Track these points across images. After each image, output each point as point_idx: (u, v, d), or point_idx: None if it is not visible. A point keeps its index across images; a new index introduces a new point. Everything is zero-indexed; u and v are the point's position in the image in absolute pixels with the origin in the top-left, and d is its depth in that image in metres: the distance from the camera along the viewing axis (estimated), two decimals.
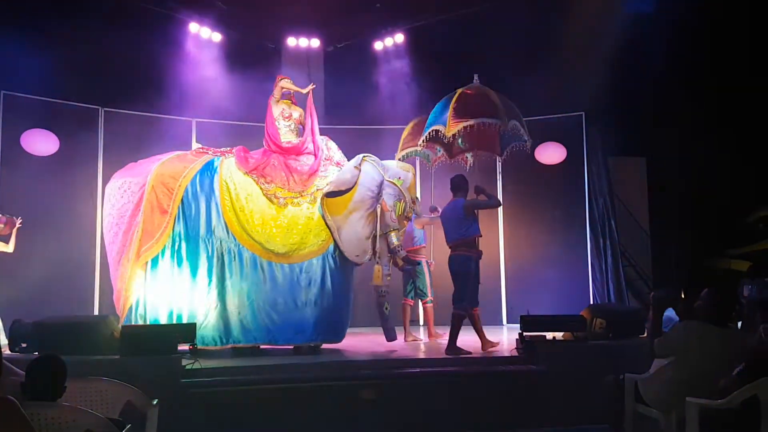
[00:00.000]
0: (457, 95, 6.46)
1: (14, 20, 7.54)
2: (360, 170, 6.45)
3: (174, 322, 6.02)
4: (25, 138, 7.83)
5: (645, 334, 5.50)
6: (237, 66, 9.23)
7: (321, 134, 6.99)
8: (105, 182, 8.38)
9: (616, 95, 8.66)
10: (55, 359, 3.15)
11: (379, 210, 6.42)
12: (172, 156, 6.59)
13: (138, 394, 3.76)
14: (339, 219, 6.36)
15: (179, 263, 6.16)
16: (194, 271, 6.16)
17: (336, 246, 6.39)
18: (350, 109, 9.38)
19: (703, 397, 3.48)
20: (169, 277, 6.12)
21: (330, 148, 6.97)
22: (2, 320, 6.35)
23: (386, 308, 6.53)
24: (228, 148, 6.76)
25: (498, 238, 9.45)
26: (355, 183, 6.41)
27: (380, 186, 6.45)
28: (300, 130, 7.05)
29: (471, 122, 6.24)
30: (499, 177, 7.16)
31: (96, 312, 8.03)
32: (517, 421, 5.36)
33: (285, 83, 7.07)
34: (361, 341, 7.09)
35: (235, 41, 9.55)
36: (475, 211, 6.41)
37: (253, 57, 9.65)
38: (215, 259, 6.18)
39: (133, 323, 5.99)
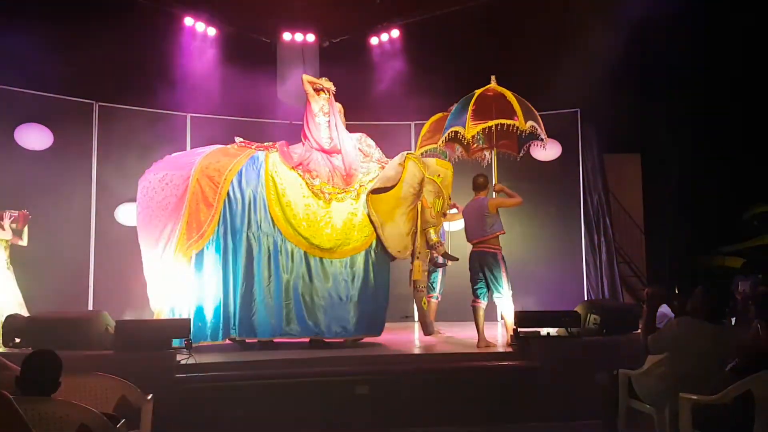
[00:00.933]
0: (475, 97, 6.65)
1: (8, 14, 7.49)
2: (404, 167, 6.49)
3: (222, 315, 6.09)
4: (18, 132, 7.78)
5: (639, 330, 5.52)
6: (232, 61, 9.21)
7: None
8: (99, 177, 8.43)
9: (611, 92, 8.67)
10: (50, 354, 3.15)
11: (419, 207, 6.51)
12: (215, 149, 6.60)
13: (132, 389, 3.76)
14: (382, 215, 6.43)
15: (224, 257, 6.19)
16: (239, 265, 6.20)
17: (378, 242, 6.48)
18: (345, 105, 9.34)
19: (696, 392, 3.50)
20: (214, 271, 6.15)
21: (370, 145, 7.07)
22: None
23: (424, 303, 6.60)
24: (270, 143, 6.81)
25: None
26: (399, 180, 6.45)
27: (421, 183, 6.50)
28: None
29: (489, 124, 6.44)
30: (493, 173, 7.20)
31: (90, 308, 8.00)
32: (511, 417, 5.39)
33: (306, 77, 7.07)
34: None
35: (230, 36, 9.51)
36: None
37: (248, 52, 9.62)
38: (261, 254, 6.25)
39: (175, 317, 5.99)
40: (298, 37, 9.81)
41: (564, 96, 8.61)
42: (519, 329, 5.82)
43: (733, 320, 6.16)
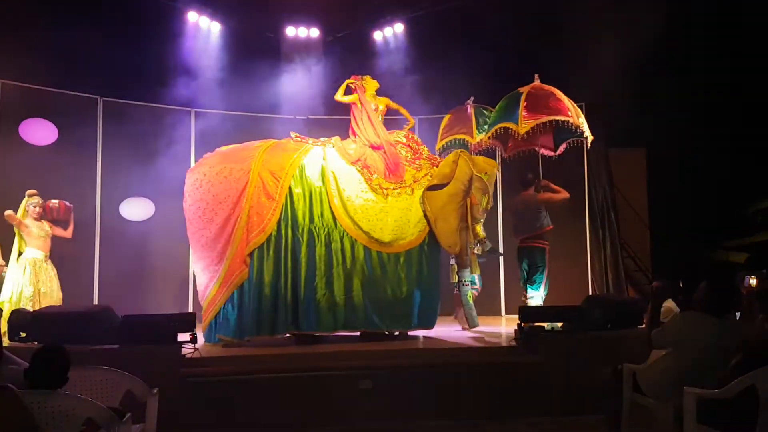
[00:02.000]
0: (525, 94, 6.83)
1: (13, 10, 7.50)
2: (457, 165, 6.59)
3: (283, 308, 6.19)
4: (23, 127, 7.80)
5: (643, 325, 5.52)
6: (236, 56, 9.21)
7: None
8: (104, 172, 8.45)
9: (617, 86, 8.63)
10: (60, 350, 3.18)
11: (468, 203, 6.64)
12: (272, 144, 6.72)
13: (138, 383, 3.78)
14: (435, 211, 6.57)
15: (284, 251, 6.28)
16: (299, 258, 6.30)
17: (430, 236, 6.62)
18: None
19: (700, 387, 3.50)
20: (275, 264, 6.25)
21: (418, 142, 7.26)
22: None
23: (470, 296, 6.82)
24: (325, 138, 6.93)
25: (497, 228, 9.44)
26: (452, 177, 6.57)
27: (471, 180, 6.61)
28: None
29: (543, 120, 6.65)
30: (499, 167, 7.24)
31: (95, 302, 8.03)
32: (516, 411, 5.38)
33: (339, 96, 7.27)
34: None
35: (234, 31, 9.52)
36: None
37: (252, 46, 9.61)
38: (323, 248, 6.36)
39: (233, 309, 6.15)
40: (302, 31, 9.81)
41: (569, 90, 8.57)
42: (524, 324, 5.82)
43: (738, 315, 6.13)
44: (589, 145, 7.11)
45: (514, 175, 7.16)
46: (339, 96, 7.23)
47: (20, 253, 6.69)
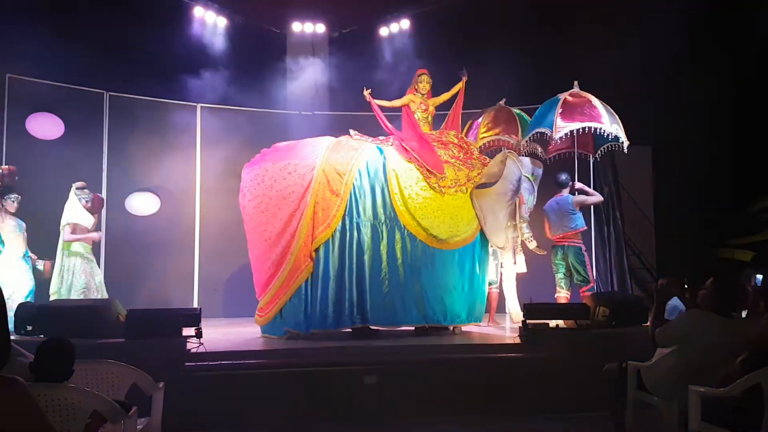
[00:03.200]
0: (562, 101, 7.10)
1: (20, 4, 7.51)
2: (505, 165, 6.75)
3: (348, 303, 6.34)
4: (30, 121, 7.81)
5: (648, 323, 5.50)
6: (242, 51, 9.21)
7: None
8: (110, 166, 8.46)
9: (622, 84, 8.60)
10: (64, 342, 3.19)
11: (516, 202, 6.85)
12: (334, 141, 6.85)
13: (143, 377, 3.79)
14: (485, 209, 6.78)
15: (349, 246, 6.43)
16: (363, 254, 6.45)
17: (481, 233, 6.86)
18: (355, 95, 9.34)
19: (705, 385, 3.49)
20: (339, 260, 6.41)
21: (469, 142, 7.45)
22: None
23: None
24: (383, 137, 7.08)
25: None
26: (501, 176, 6.74)
27: (519, 181, 6.79)
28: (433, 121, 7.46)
29: (578, 126, 6.88)
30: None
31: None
32: (520, 408, 5.39)
33: (377, 104, 7.38)
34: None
35: (240, 26, 9.51)
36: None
37: (258, 42, 9.61)
38: (386, 244, 6.51)
39: (300, 302, 6.31)
40: (308, 27, 9.81)
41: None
42: (528, 321, 5.82)
43: (744, 313, 6.12)
44: (626, 150, 7.27)
45: (549, 176, 7.44)
46: (394, 103, 7.40)
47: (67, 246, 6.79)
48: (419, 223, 6.58)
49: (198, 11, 9.16)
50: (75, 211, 6.83)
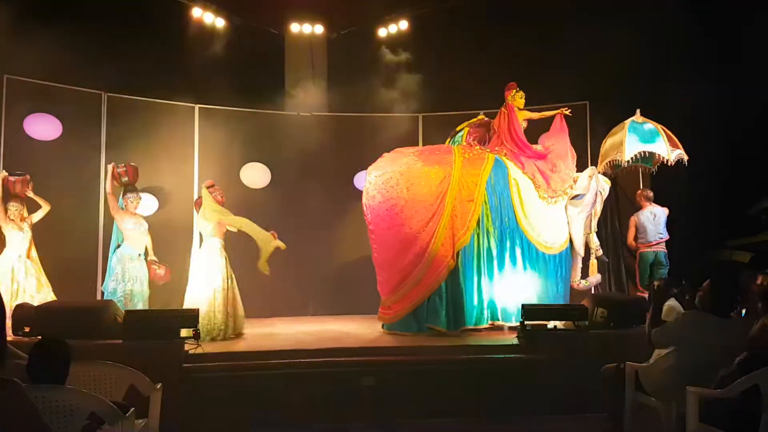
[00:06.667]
0: (660, 128, 8.13)
1: (17, 4, 7.50)
2: (591, 179, 7.36)
3: (479, 303, 6.82)
4: (27, 122, 7.80)
5: (645, 324, 5.51)
6: (240, 52, 9.20)
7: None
8: (108, 167, 8.42)
9: (620, 85, 8.62)
10: (58, 343, 3.16)
11: (592, 214, 7.49)
12: (461, 148, 7.32)
13: (141, 378, 3.79)
14: (572, 218, 7.38)
15: (481, 250, 6.84)
16: (493, 258, 6.89)
17: (570, 241, 7.41)
18: (353, 97, 9.34)
19: (703, 386, 3.50)
20: (473, 263, 6.81)
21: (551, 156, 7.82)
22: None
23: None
24: (488, 147, 7.52)
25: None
26: (588, 189, 7.33)
27: (597, 195, 7.43)
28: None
29: (681, 149, 8.14)
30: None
31: (99, 297, 8.03)
32: (518, 409, 5.39)
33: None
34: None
35: (238, 27, 9.51)
36: None
37: (256, 43, 9.61)
38: (509, 248, 6.96)
39: (441, 301, 6.61)
40: (306, 28, 9.80)
41: (573, 88, 8.57)
42: (526, 322, 5.82)
43: (743, 313, 6.12)
44: (672, 164, 8.09)
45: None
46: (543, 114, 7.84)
47: (117, 247, 6.94)
48: (534, 229, 7.08)
49: (196, 12, 9.15)
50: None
